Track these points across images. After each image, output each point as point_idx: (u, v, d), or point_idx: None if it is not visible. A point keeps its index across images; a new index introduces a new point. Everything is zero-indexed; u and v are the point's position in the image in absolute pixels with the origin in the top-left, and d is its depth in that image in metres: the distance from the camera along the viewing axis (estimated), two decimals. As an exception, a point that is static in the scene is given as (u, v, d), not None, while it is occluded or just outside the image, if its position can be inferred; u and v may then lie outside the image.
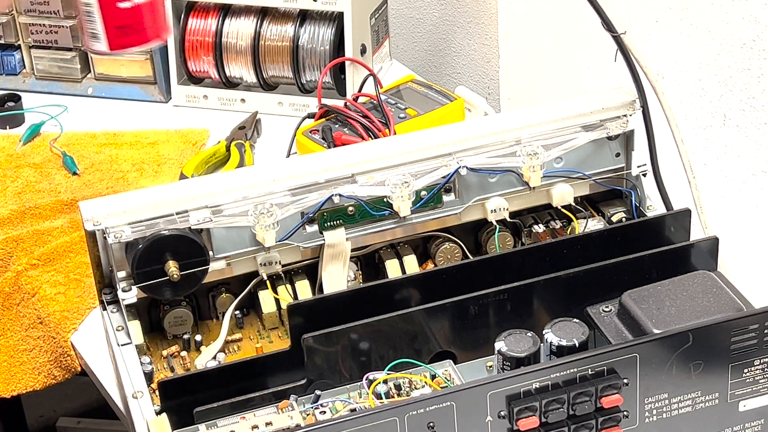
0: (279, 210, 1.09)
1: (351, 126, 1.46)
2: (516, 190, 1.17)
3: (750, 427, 1.00)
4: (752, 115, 1.32)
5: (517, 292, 1.03)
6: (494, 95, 1.83)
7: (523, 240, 1.19)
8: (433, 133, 1.15)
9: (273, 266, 1.12)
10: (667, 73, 1.41)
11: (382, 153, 1.13)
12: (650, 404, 0.96)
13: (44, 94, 1.76)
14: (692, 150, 1.32)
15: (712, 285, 1.01)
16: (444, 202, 1.15)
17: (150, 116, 1.70)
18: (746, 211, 1.37)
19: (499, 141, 1.15)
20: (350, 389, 1.01)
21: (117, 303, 1.09)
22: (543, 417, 0.92)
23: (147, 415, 0.97)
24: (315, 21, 1.62)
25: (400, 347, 1.02)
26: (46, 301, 1.37)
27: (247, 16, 1.64)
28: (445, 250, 1.17)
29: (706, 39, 1.35)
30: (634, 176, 1.18)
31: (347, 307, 1.02)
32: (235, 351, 1.12)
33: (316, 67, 1.63)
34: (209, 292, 1.14)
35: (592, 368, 0.93)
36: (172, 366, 1.10)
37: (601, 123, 1.16)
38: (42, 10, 1.72)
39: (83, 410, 2.23)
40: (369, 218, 1.13)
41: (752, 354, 0.96)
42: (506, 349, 0.98)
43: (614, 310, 1.02)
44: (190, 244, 1.08)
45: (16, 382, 1.39)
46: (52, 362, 1.37)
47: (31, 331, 1.38)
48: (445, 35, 1.91)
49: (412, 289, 1.05)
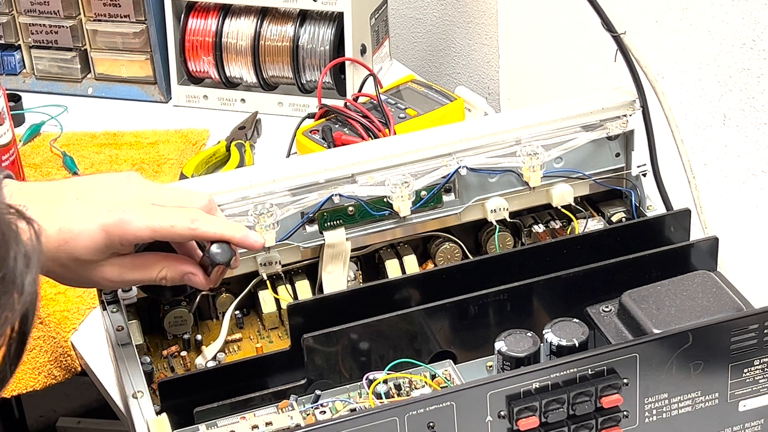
0: (279, 210, 1.09)
1: (351, 126, 1.46)
2: (516, 190, 1.17)
3: (750, 427, 1.00)
4: (752, 115, 1.32)
5: (517, 292, 1.03)
6: (494, 95, 1.84)
7: (523, 240, 1.19)
8: (433, 133, 1.15)
9: (273, 266, 1.12)
10: (667, 73, 1.41)
11: (382, 153, 1.13)
12: (650, 404, 0.96)
13: (44, 94, 1.76)
14: (692, 150, 1.32)
15: (712, 285, 1.01)
16: (444, 202, 1.15)
17: (150, 116, 1.70)
18: (746, 211, 1.37)
19: (499, 141, 1.15)
20: (350, 389, 1.01)
21: (117, 303, 1.09)
22: (543, 417, 0.92)
23: (147, 415, 0.97)
24: (315, 21, 1.62)
25: (400, 347, 1.02)
26: (46, 301, 1.37)
27: (247, 16, 1.64)
28: (445, 250, 1.17)
29: (706, 39, 1.35)
30: (634, 176, 1.18)
31: (347, 307, 1.02)
32: (235, 351, 1.12)
33: (316, 67, 1.63)
34: (209, 292, 1.14)
35: (592, 368, 0.93)
36: (172, 366, 1.10)
37: (601, 123, 1.16)
38: (42, 10, 1.72)
39: (83, 410, 2.23)
40: (369, 218, 1.13)
41: (752, 354, 0.96)
42: (506, 349, 0.98)
43: (614, 310, 1.02)
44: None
45: (16, 382, 1.39)
46: (52, 362, 1.37)
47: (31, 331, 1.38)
48: (445, 35, 1.91)
49: (412, 289, 1.05)
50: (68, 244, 0.88)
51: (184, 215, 0.91)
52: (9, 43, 1.77)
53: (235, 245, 0.94)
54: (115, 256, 0.92)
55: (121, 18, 1.70)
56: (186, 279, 0.94)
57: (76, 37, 1.73)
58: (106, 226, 0.88)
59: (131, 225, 0.89)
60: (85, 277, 0.92)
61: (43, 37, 1.74)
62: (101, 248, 0.89)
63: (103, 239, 0.89)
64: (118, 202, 0.90)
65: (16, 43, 1.77)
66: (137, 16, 1.69)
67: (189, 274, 0.94)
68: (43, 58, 1.76)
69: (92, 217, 0.89)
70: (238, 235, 0.93)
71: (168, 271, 0.93)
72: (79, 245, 0.88)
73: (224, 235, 0.92)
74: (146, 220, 0.90)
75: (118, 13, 1.70)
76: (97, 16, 1.71)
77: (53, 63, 1.76)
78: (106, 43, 1.73)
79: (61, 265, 0.90)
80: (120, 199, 0.91)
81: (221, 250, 0.94)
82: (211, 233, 0.92)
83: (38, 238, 0.62)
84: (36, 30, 1.74)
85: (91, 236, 0.88)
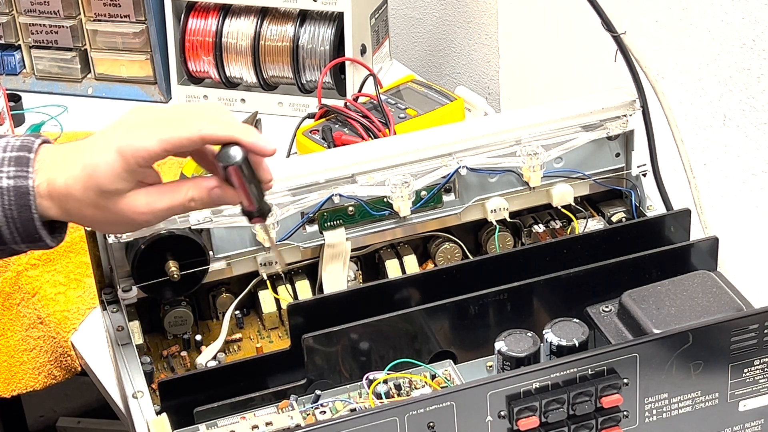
0: (279, 210, 1.09)
1: (351, 126, 1.46)
2: (516, 190, 1.17)
3: (750, 427, 1.00)
4: (752, 115, 1.32)
5: (517, 292, 1.03)
6: (494, 95, 1.84)
7: (523, 240, 1.19)
8: (433, 133, 1.15)
9: (273, 266, 1.12)
10: (667, 73, 1.41)
11: (382, 153, 1.13)
12: (650, 404, 0.96)
13: (44, 94, 1.76)
14: (692, 150, 1.31)
15: (712, 285, 1.01)
16: (444, 202, 1.15)
17: (150, 116, 1.70)
18: (746, 211, 1.37)
19: (499, 141, 1.15)
20: (350, 389, 1.01)
21: (117, 303, 1.09)
22: (543, 417, 0.92)
23: (147, 415, 0.97)
24: (315, 21, 1.62)
25: (400, 347, 1.02)
26: (46, 301, 1.37)
27: (247, 16, 1.64)
28: (445, 250, 1.17)
29: (706, 39, 1.35)
30: (634, 176, 1.18)
31: (347, 307, 1.02)
32: (235, 351, 1.12)
33: (316, 67, 1.63)
34: (209, 292, 1.14)
35: (592, 368, 0.93)
36: (172, 366, 1.10)
37: (601, 123, 1.16)
38: (42, 10, 1.72)
39: (83, 410, 2.23)
40: (369, 218, 1.13)
41: (752, 354, 0.96)
42: (506, 349, 0.98)
43: (614, 310, 1.02)
44: (191, 244, 1.08)
45: (16, 382, 1.39)
46: (52, 362, 1.37)
47: (31, 331, 1.38)
48: (445, 35, 1.91)
49: (412, 289, 1.05)
50: (91, 178, 0.91)
51: (190, 123, 0.93)
52: (9, 43, 1.77)
53: (245, 147, 0.93)
54: (141, 186, 0.93)
55: (121, 18, 1.70)
56: (213, 195, 0.95)
57: (76, 37, 1.73)
58: (119, 149, 0.91)
59: (141, 142, 0.91)
60: (117, 214, 0.93)
61: (43, 37, 1.74)
62: (121, 173, 0.91)
63: (120, 163, 0.91)
64: (128, 126, 0.93)
65: (16, 43, 1.77)
66: (137, 16, 1.69)
67: (215, 189, 0.94)
68: (43, 58, 1.76)
69: (107, 144, 0.91)
70: (248, 137, 0.93)
71: (194, 190, 0.94)
72: (100, 176, 0.91)
73: (233, 137, 0.92)
74: (155, 134, 0.92)
75: (118, 13, 1.70)
76: (97, 16, 1.71)
77: (53, 63, 1.76)
78: (106, 43, 1.73)
79: (94, 206, 0.92)
80: (130, 123, 0.93)
81: (231, 150, 0.92)
82: (219, 135, 0.92)
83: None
84: (36, 30, 1.74)
85: (108, 163, 0.91)
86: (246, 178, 0.92)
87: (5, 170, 0.90)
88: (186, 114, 0.94)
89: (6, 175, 0.90)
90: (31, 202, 0.91)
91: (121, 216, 0.93)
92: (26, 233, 0.92)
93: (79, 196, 0.91)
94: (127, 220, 0.94)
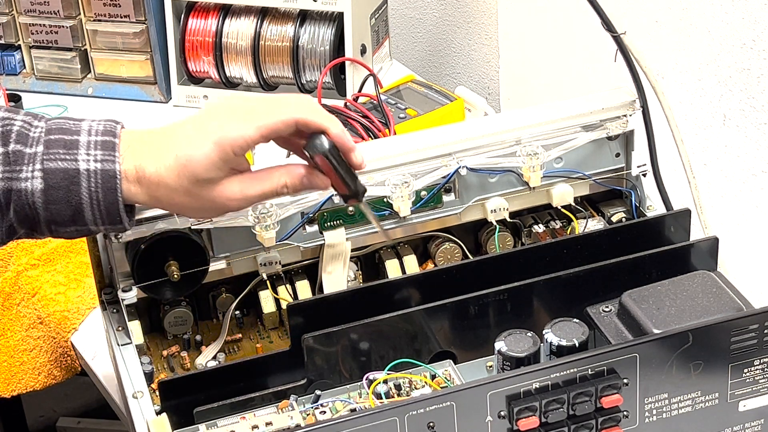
0: (279, 210, 1.09)
1: (351, 126, 1.45)
2: (516, 190, 1.17)
3: (750, 427, 1.00)
4: (752, 115, 1.32)
5: (517, 292, 1.03)
6: (494, 95, 1.84)
7: (523, 240, 1.19)
8: (433, 133, 1.15)
9: (273, 266, 1.12)
10: (667, 73, 1.41)
11: (382, 153, 1.13)
12: (650, 404, 0.96)
13: (44, 94, 1.76)
14: (692, 150, 1.31)
15: (712, 285, 1.01)
16: (444, 202, 1.15)
17: (150, 116, 1.70)
18: (746, 211, 1.37)
19: (499, 141, 1.15)
20: (350, 389, 1.01)
21: (117, 303, 1.09)
22: (543, 417, 0.92)
23: (147, 415, 0.97)
24: (315, 21, 1.62)
25: (400, 347, 1.02)
26: (46, 301, 1.37)
27: (247, 16, 1.64)
28: (445, 250, 1.17)
29: (706, 39, 1.35)
30: (634, 176, 1.18)
31: (347, 307, 1.02)
32: (235, 351, 1.12)
33: (316, 67, 1.63)
34: (209, 292, 1.14)
35: (592, 368, 0.93)
36: (172, 366, 1.10)
37: (601, 123, 1.16)
38: (42, 10, 1.72)
39: (83, 410, 2.23)
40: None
41: (752, 354, 0.96)
42: (506, 349, 0.98)
43: (614, 310, 1.02)
44: (191, 244, 1.08)
45: (16, 382, 1.39)
46: (52, 362, 1.37)
47: (31, 331, 1.38)
48: (445, 35, 1.91)
49: (412, 289, 1.05)
50: (186, 167, 0.93)
51: (283, 109, 0.95)
52: (9, 43, 1.77)
53: (332, 139, 0.95)
54: (235, 174, 0.95)
55: (121, 18, 1.70)
56: (306, 181, 0.97)
57: (76, 37, 1.73)
58: (216, 140, 0.93)
59: (239, 130, 0.93)
60: (210, 201, 0.95)
61: (43, 37, 1.74)
62: (217, 162, 0.93)
63: (216, 153, 0.93)
64: (223, 117, 0.95)
65: (16, 43, 1.77)
66: (137, 16, 1.69)
67: (307, 176, 0.97)
68: (43, 58, 1.76)
69: (203, 135, 0.93)
70: (335, 129, 0.96)
71: (287, 176, 0.96)
72: (196, 165, 0.93)
73: (323, 125, 0.95)
74: (252, 122, 0.94)
75: (118, 13, 1.70)
76: (97, 16, 1.71)
77: (53, 63, 1.76)
78: (106, 43, 1.73)
79: (186, 194, 0.94)
80: (224, 114, 0.95)
81: (318, 139, 0.95)
82: (312, 120, 0.95)
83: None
84: (36, 30, 1.74)
85: (204, 153, 0.93)
86: (334, 165, 0.96)
87: (92, 153, 0.93)
88: (276, 101, 0.97)
89: (93, 158, 0.92)
90: (118, 185, 0.93)
91: (213, 203, 0.95)
92: (108, 215, 0.94)
93: (172, 184, 0.93)
94: (219, 206, 0.96)
